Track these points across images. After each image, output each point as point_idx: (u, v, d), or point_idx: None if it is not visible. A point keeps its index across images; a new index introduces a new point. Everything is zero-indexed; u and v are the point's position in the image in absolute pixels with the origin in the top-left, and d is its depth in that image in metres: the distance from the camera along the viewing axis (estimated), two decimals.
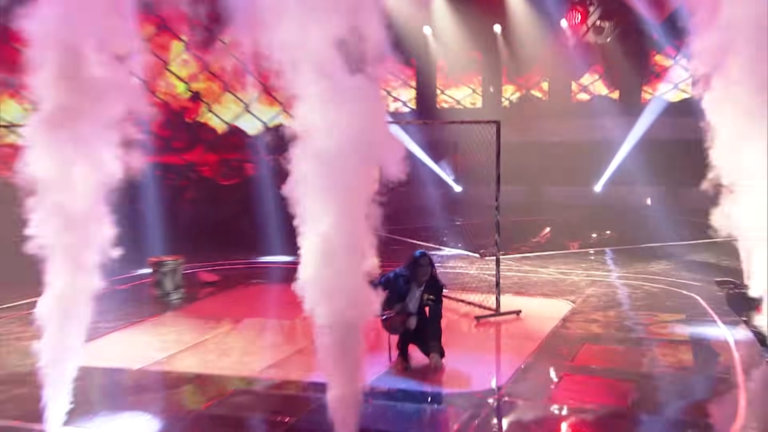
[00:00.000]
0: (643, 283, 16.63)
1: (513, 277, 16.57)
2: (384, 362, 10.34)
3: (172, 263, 15.39)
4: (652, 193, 26.46)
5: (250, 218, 21.71)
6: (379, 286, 9.97)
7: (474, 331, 12.72)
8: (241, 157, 24.75)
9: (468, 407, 8.95)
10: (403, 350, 10.28)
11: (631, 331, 13.12)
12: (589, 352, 11.54)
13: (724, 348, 11.96)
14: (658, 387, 10.04)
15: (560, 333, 12.41)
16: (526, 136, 23.27)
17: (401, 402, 9.43)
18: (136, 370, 11.02)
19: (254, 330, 13.99)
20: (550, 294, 15.20)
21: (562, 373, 10.36)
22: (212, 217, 21.59)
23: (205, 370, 11.12)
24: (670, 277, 17.02)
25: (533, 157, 23.97)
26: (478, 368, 10.47)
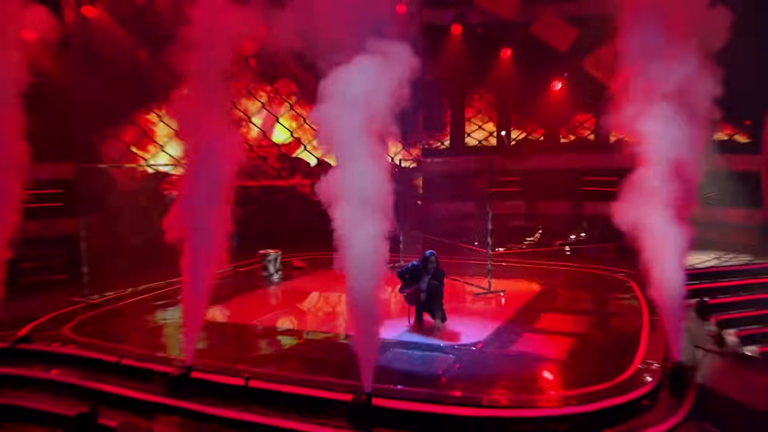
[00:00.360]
0: (596, 271, 17.06)
1: (507, 266, 17.12)
2: (405, 324, 11.58)
3: (274, 254, 16.54)
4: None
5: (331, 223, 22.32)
6: (403, 272, 11.56)
7: (471, 304, 13.71)
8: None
9: (456, 354, 10.13)
10: (418, 316, 11.50)
11: (578, 303, 14.07)
12: (545, 319, 12.48)
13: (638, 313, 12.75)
14: (589, 341, 11.06)
15: (529, 306, 13.20)
16: (526, 166, 23.43)
17: (414, 350, 10.34)
18: (246, 324, 12.52)
19: (326, 300, 15.24)
20: (528, 278, 15.90)
21: (524, 333, 11.26)
22: (305, 222, 21.24)
23: (290, 326, 12.69)
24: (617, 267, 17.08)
25: (532, 180, 23.82)
26: (468, 329, 11.33)
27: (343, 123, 8.17)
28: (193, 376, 9.25)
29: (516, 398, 8.72)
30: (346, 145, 8.21)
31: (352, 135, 8.27)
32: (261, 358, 10.50)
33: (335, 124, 8.29)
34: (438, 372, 9.52)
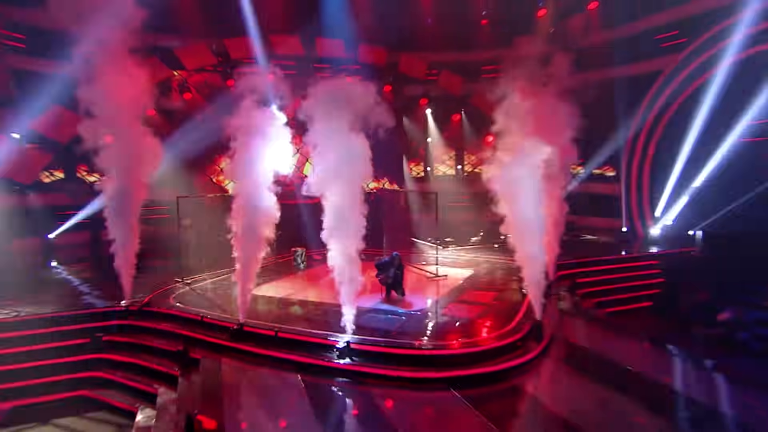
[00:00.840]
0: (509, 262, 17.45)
1: (454, 258, 17.08)
2: (379, 298, 11.77)
3: (300, 250, 16.36)
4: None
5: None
6: (378, 264, 11.82)
7: (425, 285, 13.51)
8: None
9: (407, 316, 10.60)
10: (388, 292, 11.84)
11: (491, 284, 13.96)
12: (469, 294, 12.69)
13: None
14: (491, 308, 11.38)
15: (461, 285, 13.34)
16: (474, 188, 21.92)
17: (383, 314, 10.80)
18: (279, 297, 12.64)
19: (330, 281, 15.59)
20: (464, 266, 15.72)
21: (452, 303, 11.65)
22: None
23: (304, 297, 12.53)
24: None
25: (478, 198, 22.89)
26: (418, 301, 11.75)
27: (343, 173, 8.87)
28: (245, 329, 9.78)
29: (436, 342, 9.40)
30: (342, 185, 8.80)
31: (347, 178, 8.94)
32: (286, 318, 10.98)
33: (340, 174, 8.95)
34: (393, 328, 10.03)
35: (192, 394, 8.31)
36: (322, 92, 9.34)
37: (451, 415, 7.60)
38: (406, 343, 9.23)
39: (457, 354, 8.91)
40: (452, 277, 14.16)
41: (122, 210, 11.22)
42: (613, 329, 12.23)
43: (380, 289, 11.96)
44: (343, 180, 9.11)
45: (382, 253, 15.44)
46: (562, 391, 8.53)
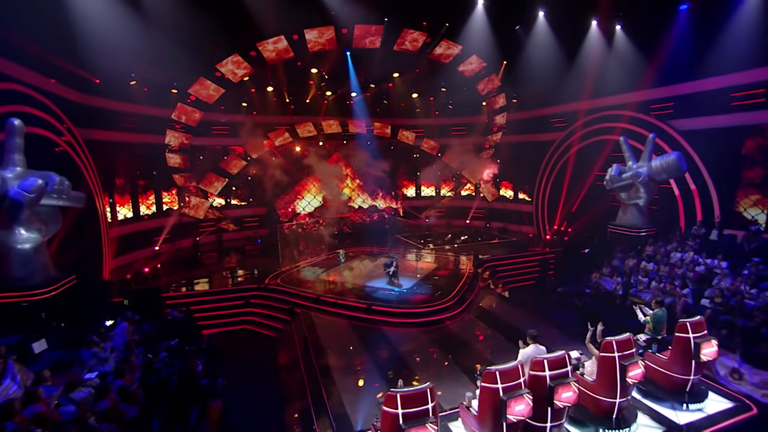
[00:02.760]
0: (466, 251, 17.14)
1: (433, 254, 17.47)
2: (385, 281, 13.06)
3: (342, 251, 17.42)
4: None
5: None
6: (385, 264, 13.30)
7: (410, 272, 14.49)
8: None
9: (399, 292, 12.33)
10: (389, 279, 13.08)
11: (456, 269, 14.94)
12: (437, 275, 14.00)
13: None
14: (444, 287, 12.61)
15: (430, 273, 14.36)
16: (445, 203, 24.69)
17: (387, 291, 12.33)
18: (329, 280, 13.89)
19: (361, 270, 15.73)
20: (432, 261, 16.32)
21: (424, 284, 13.00)
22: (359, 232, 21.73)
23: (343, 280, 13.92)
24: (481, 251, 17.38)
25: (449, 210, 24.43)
26: (405, 283, 13.04)
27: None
28: (321, 298, 12.09)
29: (412, 305, 11.38)
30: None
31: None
32: (340, 292, 12.74)
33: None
34: (392, 298, 11.87)
35: (300, 328, 11.04)
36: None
37: (418, 338, 10.14)
38: (398, 306, 11.47)
39: (422, 311, 11.23)
40: (423, 267, 15.27)
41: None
42: (504, 299, 13.67)
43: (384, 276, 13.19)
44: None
45: (386, 251, 17.72)
46: (468, 329, 10.79)
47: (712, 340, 6.02)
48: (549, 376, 5.04)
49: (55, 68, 11.61)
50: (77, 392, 6.27)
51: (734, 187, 12.57)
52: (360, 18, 11.87)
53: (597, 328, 6.07)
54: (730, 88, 12.21)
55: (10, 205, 7.50)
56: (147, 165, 16.80)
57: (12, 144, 8.00)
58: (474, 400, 5.41)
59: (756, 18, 11.13)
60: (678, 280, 10.61)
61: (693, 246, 11.84)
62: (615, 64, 14.62)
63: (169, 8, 10.45)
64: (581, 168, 17.41)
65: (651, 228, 13.66)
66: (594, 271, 12.99)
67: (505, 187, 23.24)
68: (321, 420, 7.27)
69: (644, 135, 13.81)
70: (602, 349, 5.49)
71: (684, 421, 5.85)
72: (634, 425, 5.70)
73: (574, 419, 5.76)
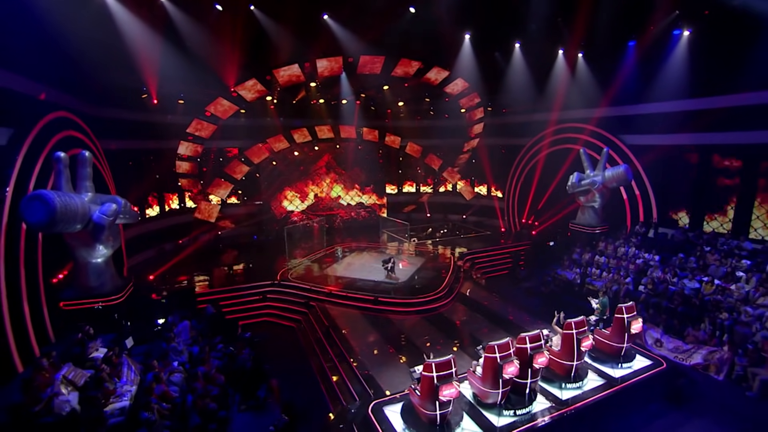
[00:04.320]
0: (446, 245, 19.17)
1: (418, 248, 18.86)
2: (384, 276, 14.56)
3: (339, 247, 18.80)
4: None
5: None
6: (383, 260, 14.84)
7: (404, 266, 15.85)
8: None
9: (396, 284, 14.11)
10: (388, 273, 14.59)
11: (438, 260, 16.84)
12: (427, 268, 15.66)
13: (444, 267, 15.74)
14: (431, 280, 14.32)
15: (420, 267, 15.89)
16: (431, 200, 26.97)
17: (387, 284, 13.89)
18: (339, 275, 15.41)
19: (356, 264, 16.92)
20: (419, 255, 17.73)
21: (417, 276, 14.75)
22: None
23: (340, 274, 15.18)
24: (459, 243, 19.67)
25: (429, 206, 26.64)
26: (402, 275, 14.72)
27: None
28: (333, 292, 13.73)
29: (409, 295, 13.33)
30: None
31: None
32: (348, 285, 14.11)
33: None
34: (392, 289, 13.73)
35: (318, 318, 12.83)
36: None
37: (418, 322, 12.04)
38: (396, 296, 13.34)
39: (420, 301, 13.07)
40: (410, 260, 16.82)
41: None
42: (482, 286, 15.42)
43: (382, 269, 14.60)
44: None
45: (377, 246, 19.50)
46: (455, 313, 12.80)
47: (638, 318, 8.80)
48: (529, 347, 7.57)
49: (75, 84, 12.62)
50: (174, 377, 8.28)
51: (668, 194, 15.54)
52: (363, 50, 13.70)
53: (560, 316, 8.61)
54: (665, 114, 15.07)
55: (93, 227, 9.13)
56: (152, 170, 17.97)
57: (83, 173, 9.50)
58: (478, 367, 7.91)
59: (684, 59, 13.90)
60: (623, 270, 13.57)
61: (635, 242, 14.88)
62: (577, 85, 17.25)
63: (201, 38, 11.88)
64: (549, 170, 19.50)
65: (604, 226, 16.45)
66: (557, 262, 15.69)
67: (478, 186, 25.76)
68: (355, 386, 9.45)
69: (601, 147, 16.56)
70: (564, 327, 8.14)
71: (618, 375, 8.56)
72: (585, 380, 8.34)
73: (545, 377, 8.33)
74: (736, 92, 12.89)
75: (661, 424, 7.95)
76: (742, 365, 9.04)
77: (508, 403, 7.46)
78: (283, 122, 21.50)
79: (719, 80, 13.10)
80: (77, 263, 9.59)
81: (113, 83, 14.02)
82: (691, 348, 9.94)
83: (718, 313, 10.38)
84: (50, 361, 6.87)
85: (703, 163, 14.52)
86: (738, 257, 12.05)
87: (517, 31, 15.05)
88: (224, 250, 18.49)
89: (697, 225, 14.71)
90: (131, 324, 10.00)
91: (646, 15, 13.22)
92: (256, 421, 7.89)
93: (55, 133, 10.57)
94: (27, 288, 8.61)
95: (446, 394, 6.65)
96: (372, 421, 7.35)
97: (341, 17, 12.92)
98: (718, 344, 9.80)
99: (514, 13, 13.12)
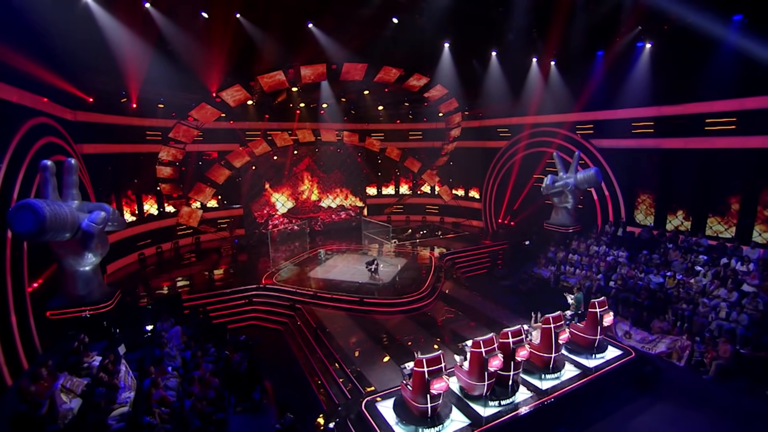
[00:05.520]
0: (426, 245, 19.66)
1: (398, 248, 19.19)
2: (368, 277, 14.82)
3: (322, 250, 18.23)
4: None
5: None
6: (367, 261, 15.17)
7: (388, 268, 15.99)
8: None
9: (382, 285, 14.47)
10: (372, 274, 14.88)
11: (423, 263, 16.93)
12: (409, 269, 16.00)
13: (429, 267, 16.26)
14: (414, 278, 14.78)
15: (403, 267, 16.26)
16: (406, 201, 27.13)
17: (370, 285, 14.15)
18: (325, 278, 15.65)
19: (339, 266, 17.02)
20: (402, 255, 18.09)
21: (399, 276, 15.16)
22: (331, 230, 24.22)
23: (323, 276, 15.39)
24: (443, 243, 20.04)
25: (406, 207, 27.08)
26: (385, 277, 14.98)
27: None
28: (318, 294, 13.91)
29: (393, 296, 13.59)
30: None
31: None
32: (334, 287, 14.33)
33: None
34: (375, 290, 13.96)
35: (303, 320, 13.07)
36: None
37: (402, 321, 12.39)
38: (381, 297, 13.66)
39: (404, 300, 13.45)
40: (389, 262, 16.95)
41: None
42: (462, 285, 15.75)
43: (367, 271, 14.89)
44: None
45: (359, 247, 19.79)
46: (438, 311, 13.20)
47: (609, 312, 9.55)
48: (512, 342, 8.19)
49: (49, 88, 12.32)
50: (170, 381, 8.49)
51: (634, 195, 16.62)
52: (347, 57, 14.13)
53: (537, 316, 9.27)
54: (631, 118, 16.14)
55: (83, 236, 9.14)
56: (130, 173, 17.88)
57: (70, 181, 9.40)
58: (465, 362, 8.47)
59: (647, 69, 14.98)
60: (595, 267, 14.49)
61: (605, 241, 15.88)
62: (550, 92, 18.19)
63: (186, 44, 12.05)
64: (524, 172, 20.34)
65: (577, 226, 17.36)
66: (533, 261, 16.55)
67: (456, 188, 26.41)
68: (346, 384, 9.84)
69: (573, 150, 17.42)
70: (543, 322, 8.82)
71: (593, 365, 9.30)
72: (563, 370, 9.02)
73: (526, 369, 8.94)
74: (693, 101, 13.93)
75: (630, 408, 8.73)
76: (700, 351, 9.92)
77: (493, 395, 8.00)
78: (263, 126, 21.61)
79: (678, 89, 14.16)
80: (64, 272, 9.51)
81: (93, 87, 13.73)
82: (656, 338, 10.83)
83: (679, 305, 11.19)
84: (48, 371, 6.93)
85: (665, 166, 15.45)
86: (696, 253, 12.99)
87: (494, 40, 15.71)
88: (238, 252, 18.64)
89: (660, 224, 15.59)
90: (120, 331, 9.98)
91: (613, 29, 14.12)
92: (252, 422, 8.14)
93: (37, 139, 10.55)
94: (14, 298, 8.49)
95: (437, 388, 7.11)
96: (366, 416, 7.72)
97: (326, 26, 13.16)
98: (679, 333, 10.64)
99: (492, 25, 13.72)
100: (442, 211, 26.39)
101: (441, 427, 7.35)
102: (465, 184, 25.67)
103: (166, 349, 9.13)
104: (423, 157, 25.04)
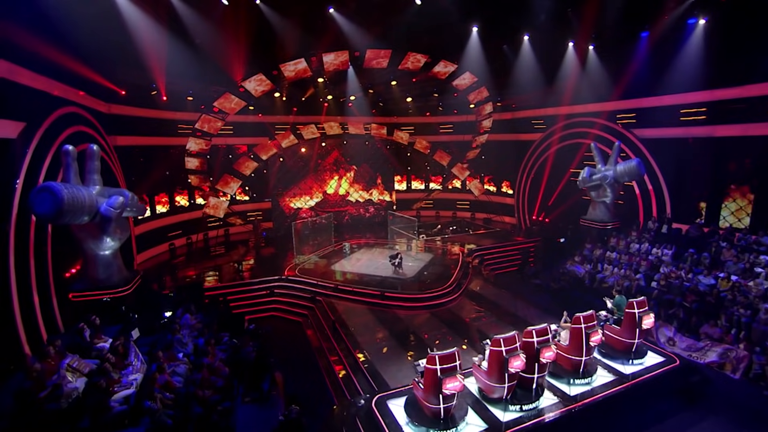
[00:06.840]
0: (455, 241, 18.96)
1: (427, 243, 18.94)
2: (392, 271, 14.61)
3: (347, 243, 18.55)
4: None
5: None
6: (391, 255, 15.17)
7: (412, 263, 15.86)
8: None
9: (403, 279, 14.28)
10: (395, 269, 14.76)
11: (450, 258, 16.41)
12: (434, 264, 15.55)
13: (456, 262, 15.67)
14: (441, 274, 14.37)
15: (428, 263, 15.81)
16: (434, 196, 26.40)
17: (394, 279, 13.85)
18: (348, 270, 15.41)
19: (364, 260, 16.80)
20: (428, 251, 17.69)
21: (425, 271, 14.71)
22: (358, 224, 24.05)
23: (348, 270, 15.20)
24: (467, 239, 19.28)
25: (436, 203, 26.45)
26: (409, 272, 14.69)
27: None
28: (339, 287, 13.60)
29: (418, 291, 13.23)
30: None
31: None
32: (356, 281, 14.12)
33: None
34: (399, 284, 13.64)
35: (325, 312, 12.82)
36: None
37: (427, 318, 11.97)
38: (405, 291, 13.32)
39: (427, 296, 13.00)
40: (418, 257, 16.79)
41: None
42: (492, 283, 15.24)
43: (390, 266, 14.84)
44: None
45: (385, 242, 19.54)
46: (463, 308, 12.70)
47: (650, 314, 8.49)
48: (536, 341, 7.38)
49: (86, 81, 12.74)
50: (179, 368, 8.28)
51: (683, 188, 15.03)
52: (370, 43, 13.63)
53: (566, 316, 8.36)
54: (679, 105, 14.62)
55: (101, 219, 9.22)
56: (163, 166, 18.13)
57: (92, 166, 9.51)
58: (483, 361, 7.74)
59: (699, 48, 13.46)
60: (635, 266, 13.21)
61: (648, 238, 14.49)
62: (588, 79, 16.87)
63: (207, 33, 11.99)
64: (559, 166, 19.39)
65: (616, 222, 16.07)
66: (567, 258, 15.38)
67: (488, 184, 25.37)
68: (360, 380, 9.41)
69: (613, 141, 16.10)
70: (573, 321, 7.92)
71: (629, 372, 8.29)
72: (595, 376, 8.09)
73: (553, 373, 8.10)
74: (753, 82, 12.40)
75: (673, 423, 7.68)
76: (760, 363, 8.64)
77: (514, 398, 7.28)
78: (291, 119, 21.54)
79: (736, 70, 12.64)
80: (85, 255, 9.69)
81: (125, 80, 14.04)
82: (706, 345, 9.61)
83: (735, 310, 9.90)
84: (56, 350, 6.88)
85: (718, 156, 13.91)
86: (756, 252, 11.53)
87: (525, 23, 14.68)
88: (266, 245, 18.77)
89: (713, 220, 14.05)
90: (138, 316, 9.96)
91: (659, 4, 12.68)
92: (260, 413, 7.83)
93: (65, 128, 10.79)
94: (36, 279, 8.70)
95: (450, 387, 6.49)
96: (375, 414, 7.23)
97: (347, 11, 12.76)
98: (734, 342, 9.37)
99: (523, 5, 12.79)
100: (473, 207, 25.63)
101: (455, 430, 6.71)
102: (497, 178, 24.53)
103: (178, 335, 8.92)
104: (454, 150, 24.21)
